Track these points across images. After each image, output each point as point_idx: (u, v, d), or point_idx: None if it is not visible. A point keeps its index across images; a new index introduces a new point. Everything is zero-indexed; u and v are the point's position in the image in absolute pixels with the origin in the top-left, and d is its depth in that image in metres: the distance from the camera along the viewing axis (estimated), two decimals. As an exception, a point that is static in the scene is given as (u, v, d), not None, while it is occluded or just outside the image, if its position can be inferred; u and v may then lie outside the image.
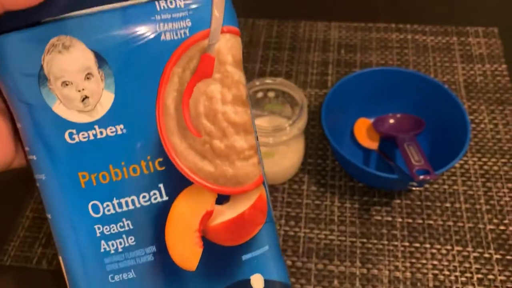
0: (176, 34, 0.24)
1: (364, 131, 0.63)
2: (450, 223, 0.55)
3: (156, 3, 0.23)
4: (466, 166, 0.60)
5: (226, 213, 0.26)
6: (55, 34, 0.22)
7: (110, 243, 0.25)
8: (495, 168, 0.60)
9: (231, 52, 0.25)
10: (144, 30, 0.23)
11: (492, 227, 0.55)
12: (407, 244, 0.54)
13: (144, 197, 0.25)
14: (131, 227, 0.25)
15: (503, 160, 0.61)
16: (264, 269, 0.27)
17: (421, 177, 0.50)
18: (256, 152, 0.26)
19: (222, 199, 0.26)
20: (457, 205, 0.57)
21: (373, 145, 0.61)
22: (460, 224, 0.55)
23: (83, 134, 0.24)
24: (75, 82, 0.23)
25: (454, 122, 0.58)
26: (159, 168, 0.25)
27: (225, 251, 0.26)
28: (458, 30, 0.76)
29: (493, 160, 0.61)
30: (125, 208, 0.24)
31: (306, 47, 0.75)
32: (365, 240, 0.55)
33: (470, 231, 0.55)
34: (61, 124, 0.23)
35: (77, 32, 0.22)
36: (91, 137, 0.24)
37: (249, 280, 0.26)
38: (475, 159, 0.61)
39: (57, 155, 0.24)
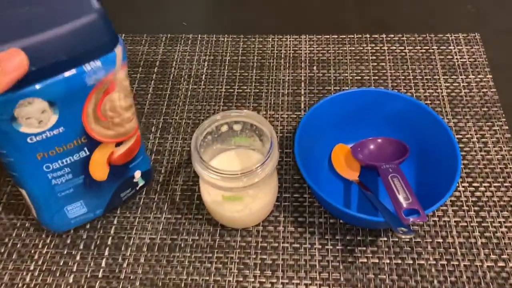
0: (96, 79, 0.41)
1: (342, 159, 0.57)
2: (444, 262, 0.50)
3: (84, 67, 0.40)
4: (457, 194, 0.55)
5: (121, 149, 0.48)
6: (23, 97, 0.38)
7: (58, 180, 0.46)
8: (488, 194, 0.54)
9: (124, 74, 0.43)
10: (78, 82, 0.40)
11: (490, 263, 0.49)
12: (397, 289, 0.48)
13: (76, 155, 0.45)
14: (69, 170, 0.46)
15: (496, 184, 0.55)
16: (140, 167, 0.53)
17: (411, 219, 0.44)
18: (134, 115, 0.47)
19: (119, 144, 0.48)
20: (450, 239, 0.51)
21: (353, 175, 0.55)
22: (454, 262, 0.50)
23: (38, 137, 0.42)
24: (34, 117, 0.40)
25: (441, 146, 0.52)
26: (83, 141, 0.45)
27: (121, 166, 0.50)
28: (438, 38, 0.71)
29: (485, 185, 0.55)
30: (65, 163, 0.45)
31: (275, 64, 0.69)
32: (351, 288, 0.49)
33: (466, 271, 0.49)
34: (24, 136, 0.41)
35: (36, 94, 0.39)
36: (44, 137, 0.42)
37: (133, 175, 0.52)
38: (465, 184, 0.55)
39: (22, 149, 0.42)
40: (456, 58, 0.68)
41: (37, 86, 0.38)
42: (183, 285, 0.49)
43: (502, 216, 0.53)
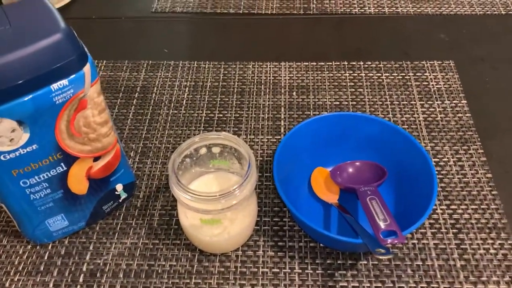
0: (65, 98, 0.42)
1: (322, 183, 0.57)
2: (424, 284, 0.49)
3: (51, 87, 0.40)
4: (435, 216, 0.55)
5: (100, 163, 0.49)
6: None
7: (36, 194, 0.47)
8: (466, 216, 0.55)
9: (96, 91, 0.44)
10: (46, 102, 0.41)
11: (469, 286, 0.49)
12: (378, 313, 0.48)
13: (52, 171, 0.46)
14: (47, 185, 0.47)
15: (473, 207, 0.56)
16: (122, 180, 0.53)
17: (389, 240, 0.44)
18: (112, 130, 0.48)
19: (97, 158, 0.48)
20: (429, 262, 0.51)
21: (333, 198, 0.55)
22: (434, 285, 0.49)
23: (11, 154, 0.42)
24: (5, 135, 0.40)
25: (418, 169, 0.52)
26: (59, 157, 0.45)
27: (101, 180, 0.50)
28: (414, 65, 0.73)
29: (463, 207, 0.56)
30: (42, 178, 0.46)
31: (255, 90, 0.70)
32: (331, 313, 0.48)
33: (446, 293, 0.49)
34: None
35: (4, 115, 0.39)
36: (17, 154, 0.42)
37: (114, 188, 0.53)
38: (443, 207, 0.56)
39: None
40: (432, 85, 0.70)
41: (5, 106, 0.38)
42: (159, 312, 0.48)
43: (480, 238, 0.53)
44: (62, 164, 0.46)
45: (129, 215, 0.56)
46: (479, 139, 0.63)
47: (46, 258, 0.52)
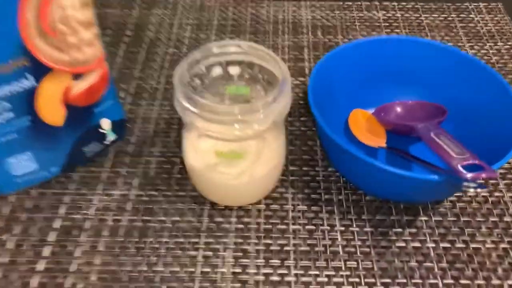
0: None
1: (363, 126, 0.45)
2: (505, 245, 0.38)
3: None
4: (507, 165, 0.44)
5: (81, 84, 0.37)
6: None
7: None
8: (545, 165, 0.44)
9: None
10: None
11: None
12: (450, 281, 0.36)
13: (15, 84, 0.34)
14: (9, 105, 0.35)
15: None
16: (110, 115, 0.41)
17: (476, 175, 0.32)
18: (97, 39, 0.36)
19: (77, 77, 0.37)
20: (508, 218, 0.40)
21: (379, 141, 0.44)
22: (520, 245, 0.38)
23: None
24: None
25: (493, 108, 0.41)
26: (26, 64, 0.33)
27: (83, 109, 0.39)
28: (456, 7, 0.62)
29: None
30: (2, 95, 0.34)
31: (272, 29, 0.58)
32: (389, 281, 0.36)
33: (537, 255, 0.37)
34: None
35: None
36: None
37: (99, 123, 0.41)
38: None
39: None
40: (480, 26, 0.59)
41: None
42: (158, 279, 0.36)
43: None
44: (28, 75, 0.34)
45: (118, 162, 0.43)
46: (547, 81, 0.52)
47: (8, 212, 0.39)
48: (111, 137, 0.43)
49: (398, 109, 0.46)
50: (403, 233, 0.39)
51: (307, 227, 0.39)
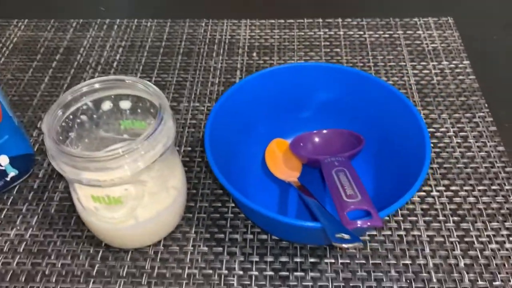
0: None
1: (279, 157, 0.43)
2: (413, 292, 0.35)
3: None
4: (430, 200, 0.41)
5: None
6: None
7: None
8: (471, 199, 0.41)
9: None
10: None
11: (477, 294, 0.35)
12: (347, 333, 0.33)
13: None
14: None
15: (481, 188, 0.41)
16: (7, 150, 0.40)
17: (358, 222, 0.30)
18: None
19: None
20: (422, 260, 0.37)
21: (292, 175, 0.41)
22: (428, 292, 0.35)
23: None
24: None
25: (407, 138, 0.38)
26: None
27: None
28: (404, 23, 0.59)
29: (467, 188, 0.42)
30: None
31: (207, 50, 0.56)
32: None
33: (445, 304, 0.34)
34: None
35: None
36: None
37: None
38: (441, 188, 0.42)
39: None
40: (426, 43, 0.56)
41: None
42: (36, 330, 0.34)
43: (490, 227, 0.39)
44: None
45: (20, 199, 0.42)
46: (486, 105, 0.49)
47: None
48: (11, 173, 0.41)
49: (316, 139, 0.43)
50: (305, 278, 0.36)
51: (203, 271, 0.37)
